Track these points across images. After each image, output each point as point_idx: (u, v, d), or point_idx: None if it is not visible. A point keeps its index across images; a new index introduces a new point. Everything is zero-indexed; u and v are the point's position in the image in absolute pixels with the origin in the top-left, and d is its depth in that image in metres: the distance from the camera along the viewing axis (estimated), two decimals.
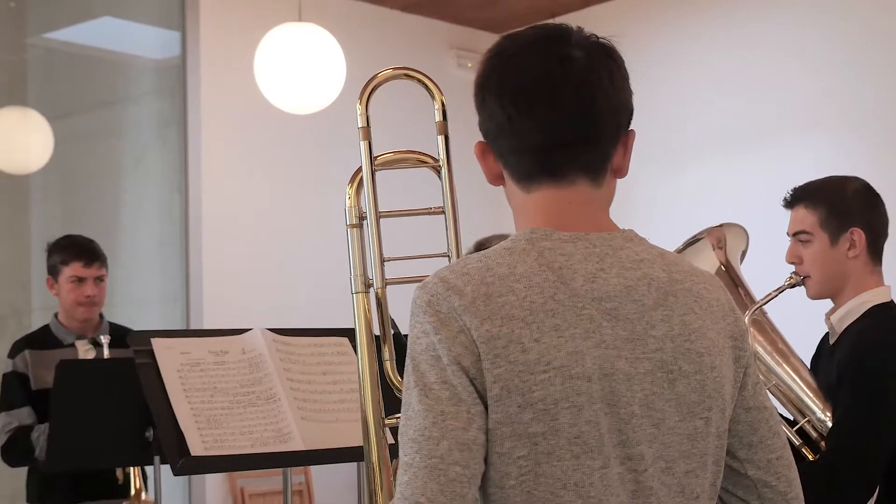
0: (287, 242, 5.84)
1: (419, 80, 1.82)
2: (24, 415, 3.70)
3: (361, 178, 1.82)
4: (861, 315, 2.59)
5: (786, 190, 2.72)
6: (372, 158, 1.79)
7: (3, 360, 3.86)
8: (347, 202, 1.79)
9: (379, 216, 1.77)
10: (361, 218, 1.79)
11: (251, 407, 2.77)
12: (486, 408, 1.32)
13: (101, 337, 3.71)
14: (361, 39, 5.99)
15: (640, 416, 1.37)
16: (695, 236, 2.78)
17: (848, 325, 2.60)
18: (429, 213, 1.79)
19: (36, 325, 4.17)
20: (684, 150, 5.96)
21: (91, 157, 5.63)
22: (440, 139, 1.76)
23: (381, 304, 1.73)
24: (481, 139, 1.49)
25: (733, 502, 1.53)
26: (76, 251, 3.90)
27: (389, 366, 1.73)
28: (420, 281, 1.43)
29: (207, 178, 5.59)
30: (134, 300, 5.58)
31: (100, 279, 3.90)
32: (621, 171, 1.48)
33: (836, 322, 2.63)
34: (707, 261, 2.78)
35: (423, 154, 1.80)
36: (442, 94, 1.74)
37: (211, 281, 5.55)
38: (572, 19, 6.42)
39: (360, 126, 1.77)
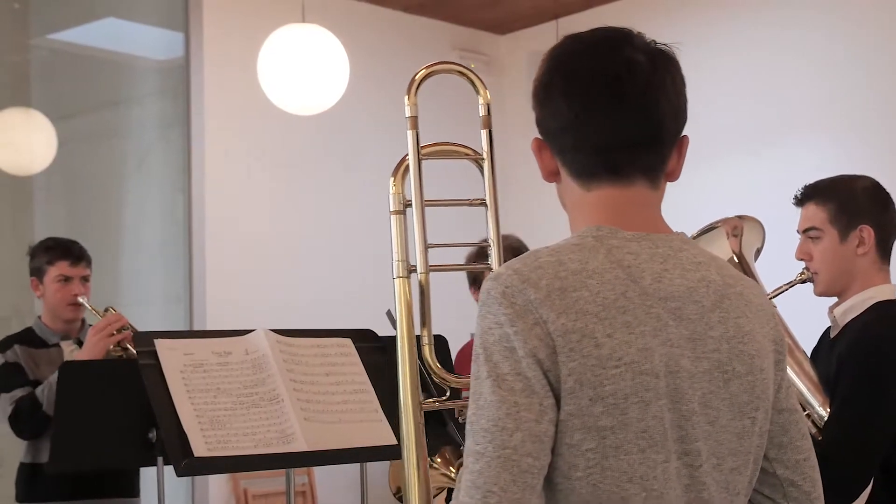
0: (290, 243, 5.84)
1: (466, 76, 1.84)
2: (24, 391, 3.70)
3: (406, 167, 1.84)
4: (864, 310, 2.60)
5: (790, 191, 2.74)
6: (419, 148, 1.80)
7: None
8: (392, 189, 1.81)
9: (424, 204, 1.78)
10: (405, 205, 1.80)
11: (254, 408, 2.77)
12: (557, 400, 1.35)
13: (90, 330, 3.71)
14: (364, 40, 6.00)
15: (699, 414, 1.42)
16: (710, 224, 2.81)
17: (851, 319, 2.62)
18: (470, 205, 1.82)
19: None
20: (689, 150, 5.95)
21: (94, 158, 5.63)
22: (484, 133, 1.78)
23: (423, 290, 1.74)
24: (538, 135, 1.52)
25: (759, 500, 1.58)
26: (62, 251, 3.89)
27: (428, 350, 1.74)
28: (459, 269, 1.49)
29: (210, 179, 5.59)
30: (137, 301, 5.58)
31: (85, 279, 3.90)
32: (674, 175, 1.53)
33: (839, 315, 2.66)
34: (720, 249, 2.80)
35: (467, 147, 1.83)
36: (486, 90, 1.78)
37: (214, 282, 5.55)
38: (575, 20, 6.43)
39: (408, 116, 1.81)
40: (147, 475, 3.79)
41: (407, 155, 1.80)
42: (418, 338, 1.79)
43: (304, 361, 2.90)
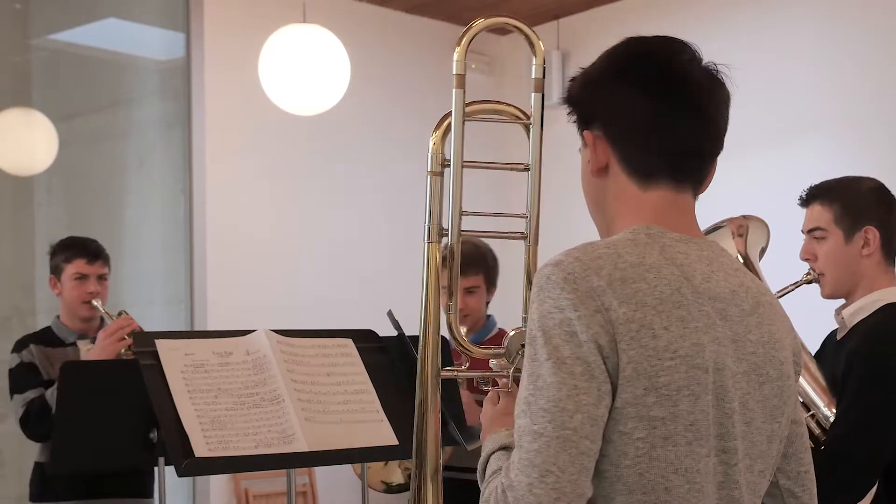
0: (291, 243, 5.84)
1: (521, 31, 1.73)
2: (35, 392, 3.71)
3: (447, 126, 1.74)
4: (874, 312, 2.60)
5: (792, 191, 2.74)
6: (464, 106, 1.72)
7: (4, 360, 3.85)
8: (431, 148, 1.73)
9: (463, 165, 1.70)
10: (444, 165, 1.72)
11: (255, 408, 2.77)
12: (613, 388, 1.37)
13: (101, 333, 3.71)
14: (365, 41, 6.00)
15: (738, 413, 1.45)
16: (716, 224, 2.81)
17: (860, 320, 2.62)
18: (513, 169, 1.73)
19: (41, 325, 4.18)
20: None
21: (95, 159, 5.63)
22: (535, 96, 1.71)
23: (453, 255, 1.69)
24: (596, 133, 1.53)
25: None
26: (79, 249, 3.92)
27: (453, 318, 1.70)
28: (491, 236, 1.61)
29: (212, 180, 5.59)
30: (138, 301, 5.58)
31: (102, 277, 3.91)
32: (705, 188, 1.58)
33: (847, 317, 2.66)
34: (725, 248, 2.80)
35: (515, 107, 1.75)
36: (543, 49, 1.70)
37: (215, 282, 5.55)
38: (576, 21, 6.43)
39: (456, 73, 1.71)
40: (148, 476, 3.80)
41: (450, 112, 1.72)
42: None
43: (305, 362, 2.90)
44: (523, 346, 1.49)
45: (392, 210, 6.17)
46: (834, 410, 2.59)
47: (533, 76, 1.70)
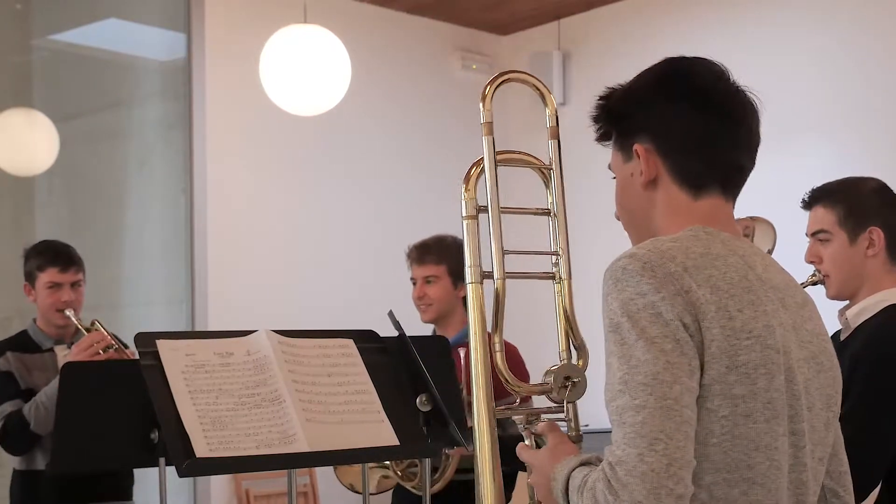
0: (292, 243, 5.84)
1: (537, 89, 1.85)
2: (13, 405, 3.70)
3: (479, 172, 1.83)
4: (878, 312, 2.60)
5: (792, 193, 2.74)
6: (495, 153, 1.80)
7: None
8: (464, 195, 1.81)
9: (500, 210, 1.78)
10: (478, 210, 1.80)
11: (256, 408, 2.76)
12: (701, 365, 1.42)
13: (74, 347, 3.70)
14: (366, 41, 6.00)
15: (804, 396, 1.50)
16: None
17: (863, 321, 2.62)
18: (541, 214, 1.82)
19: None
20: None
21: (96, 159, 5.63)
22: (552, 143, 1.81)
23: (498, 296, 1.74)
24: (645, 146, 1.60)
25: None
26: (51, 256, 3.87)
27: (500, 357, 1.74)
28: (531, 277, 1.69)
29: (212, 180, 5.59)
30: (139, 302, 5.58)
31: (76, 284, 3.87)
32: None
33: (851, 318, 2.65)
34: None
35: (536, 158, 1.85)
36: (554, 102, 1.81)
37: (216, 282, 5.55)
38: (577, 21, 6.43)
39: (484, 122, 1.78)
40: (148, 476, 3.78)
41: (481, 159, 1.80)
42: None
43: (306, 362, 2.90)
44: (566, 378, 1.59)
45: (393, 210, 6.17)
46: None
47: (548, 125, 1.79)
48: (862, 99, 5.42)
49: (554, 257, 1.78)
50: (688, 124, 1.57)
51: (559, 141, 1.81)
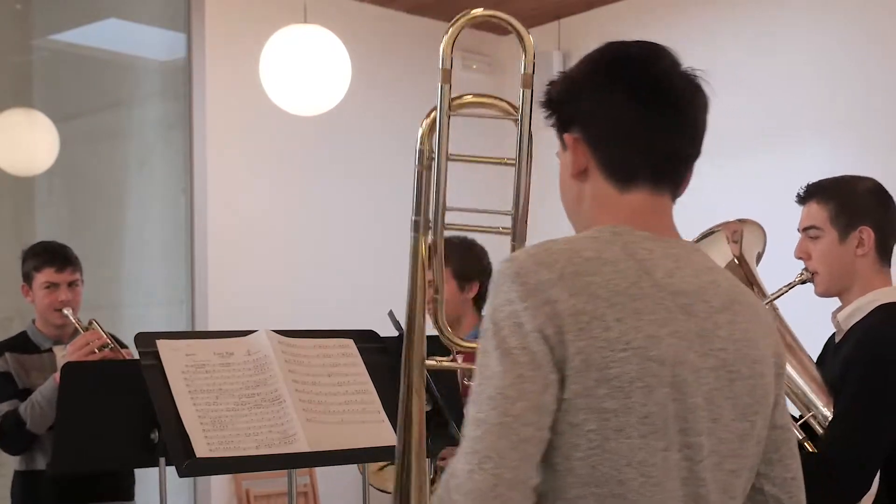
0: (292, 244, 5.84)
1: (511, 26, 1.73)
2: (9, 405, 3.71)
3: (433, 119, 1.72)
4: (869, 313, 2.60)
5: (791, 193, 2.73)
6: (450, 100, 1.69)
7: None
8: (418, 143, 1.71)
9: (448, 159, 1.68)
10: (431, 159, 1.71)
11: (256, 408, 2.77)
12: (562, 379, 1.37)
13: (69, 346, 3.70)
14: (366, 41, 6.00)
15: (703, 409, 1.43)
16: (710, 229, 2.81)
17: (855, 322, 2.61)
18: (500, 163, 1.68)
19: None
20: None
21: (96, 159, 5.63)
22: (525, 92, 1.67)
23: (435, 250, 1.68)
24: (574, 135, 1.53)
25: None
26: (48, 257, 3.88)
27: (439, 310, 1.69)
28: (475, 230, 1.56)
29: (213, 180, 5.59)
30: (139, 302, 5.58)
31: (73, 284, 3.88)
32: (682, 192, 1.58)
33: (842, 320, 2.65)
34: (720, 254, 2.80)
35: (507, 102, 1.69)
36: (532, 44, 1.67)
37: (216, 282, 5.55)
38: (577, 21, 6.43)
39: (442, 67, 1.70)
40: (149, 476, 3.79)
41: (436, 107, 1.69)
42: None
43: (306, 362, 2.90)
44: None
45: (393, 210, 6.17)
46: (832, 410, 2.58)
47: (522, 72, 1.66)
48: (861, 99, 5.42)
49: (509, 216, 1.66)
50: (616, 113, 1.49)
51: (532, 90, 1.67)
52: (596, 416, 1.36)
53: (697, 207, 5.38)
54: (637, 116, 1.48)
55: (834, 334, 2.74)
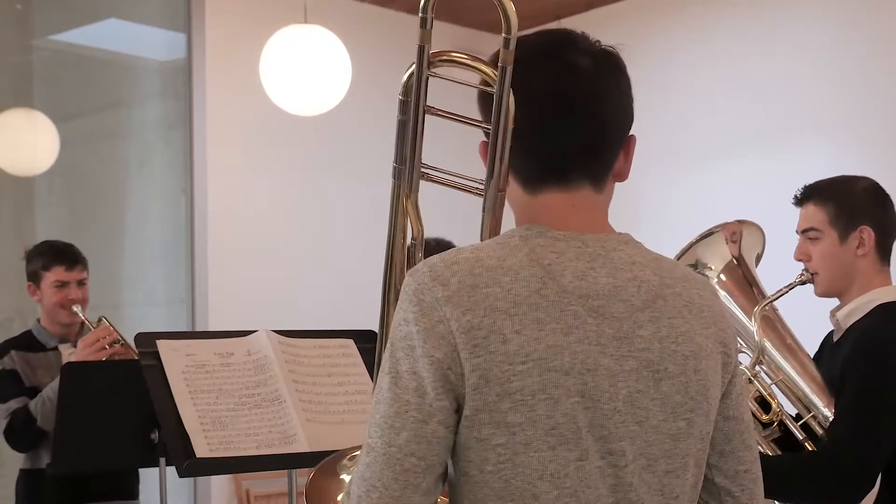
0: (292, 244, 5.84)
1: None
2: (18, 402, 3.71)
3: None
4: (868, 312, 2.60)
5: (790, 193, 2.74)
6: (429, 62, 1.61)
7: None
8: (401, 93, 1.62)
9: (425, 111, 1.58)
10: (409, 111, 1.59)
11: (256, 409, 2.77)
12: (457, 399, 1.35)
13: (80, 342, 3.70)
14: (367, 41, 6.00)
15: (623, 413, 1.39)
16: (709, 230, 2.82)
17: (854, 321, 2.62)
18: (477, 125, 1.54)
19: None
20: (689, 153, 5.95)
21: (96, 159, 5.63)
22: (505, 70, 1.47)
23: (413, 209, 1.58)
24: (484, 139, 1.50)
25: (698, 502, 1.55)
26: (56, 255, 3.89)
27: (414, 254, 1.60)
28: (457, 188, 1.49)
29: (213, 180, 5.59)
30: (139, 302, 5.58)
31: (82, 282, 3.90)
32: (622, 176, 1.52)
33: (842, 319, 2.65)
34: (719, 254, 2.80)
35: (486, 64, 1.52)
36: (516, 22, 1.47)
37: (216, 282, 5.55)
38: (576, 21, 6.43)
39: (422, 28, 1.58)
40: (149, 476, 3.79)
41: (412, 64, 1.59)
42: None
43: (306, 362, 2.91)
44: None
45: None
46: (832, 410, 2.59)
47: (502, 47, 1.48)
48: (860, 99, 5.42)
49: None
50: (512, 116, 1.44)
51: (508, 69, 1.46)
52: (502, 431, 1.34)
53: (698, 207, 5.40)
54: (531, 119, 1.44)
55: (831, 332, 2.75)
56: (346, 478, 1.65)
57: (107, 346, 3.63)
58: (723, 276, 2.83)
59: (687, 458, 1.45)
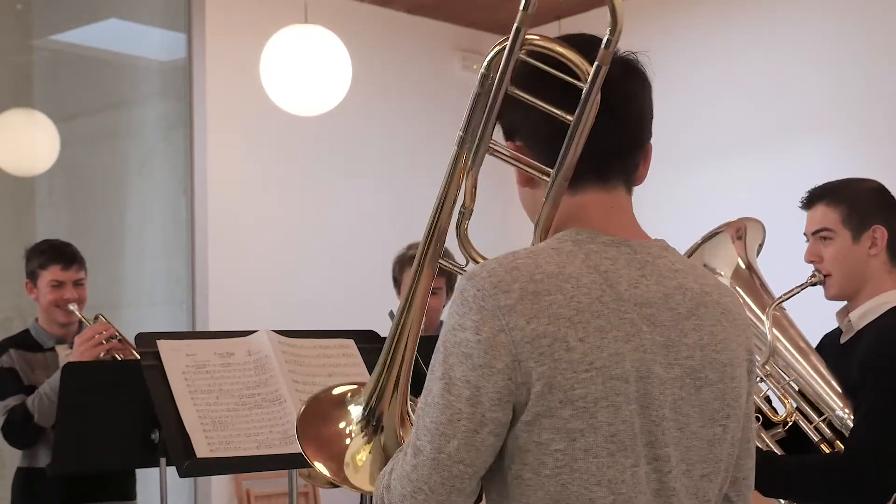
0: (293, 244, 5.84)
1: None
2: (16, 400, 3.71)
3: (500, 50, 1.55)
4: (882, 314, 2.60)
5: (792, 193, 2.73)
6: (523, 41, 1.55)
7: None
8: (483, 67, 1.54)
9: (507, 91, 1.49)
10: (490, 87, 1.51)
11: (257, 409, 2.77)
12: (513, 408, 1.36)
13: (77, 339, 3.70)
14: (367, 41, 6.00)
15: (669, 419, 1.42)
16: (714, 230, 2.82)
17: (867, 323, 2.61)
18: (558, 116, 1.45)
19: None
20: (691, 152, 5.95)
21: (97, 159, 5.63)
22: (602, 69, 1.44)
23: (471, 182, 1.53)
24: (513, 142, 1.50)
25: None
26: (54, 255, 3.88)
27: (462, 220, 1.55)
28: (517, 166, 1.45)
29: (213, 180, 5.59)
30: (140, 302, 5.59)
31: (79, 282, 3.88)
32: (640, 180, 1.55)
33: (855, 320, 2.64)
34: (727, 254, 2.81)
35: (580, 59, 1.48)
36: (621, 23, 1.44)
37: (217, 283, 5.56)
38: (577, 21, 6.42)
39: (524, 11, 1.56)
40: (149, 476, 3.79)
41: (505, 39, 1.56)
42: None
43: (307, 362, 2.91)
44: None
45: (393, 210, 6.17)
46: (848, 412, 2.58)
47: (603, 49, 1.44)
48: (860, 99, 5.42)
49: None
50: (545, 117, 1.45)
51: (602, 67, 1.44)
52: (562, 437, 1.35)
53: (698, 207, 5.41)
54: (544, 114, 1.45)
55: (833, 332, 2.74)
56: (353, 410, 1.63)
57: (104, 342, 3.62)
58: (731, 279, 2.83)
59: (719, 462, 1.49)
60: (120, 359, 3.61)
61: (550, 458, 1.36)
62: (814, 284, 2.70)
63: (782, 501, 2.71)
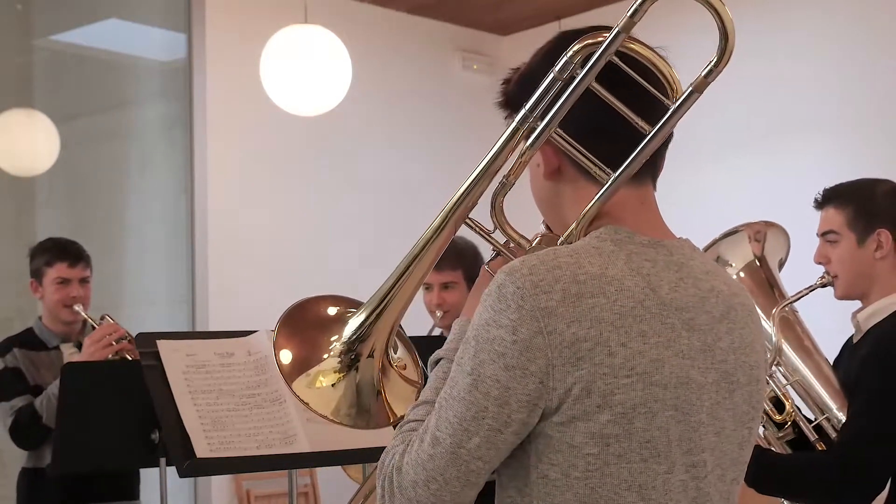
0: (293, 244, 5.84)
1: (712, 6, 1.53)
2: (23, 400, 3.71)
3: (592, 43, 1.50)
4: (887, 316, 2.60)
5: (796, 193, 2.74)
6: (619, 46, 1.50)
7: None
8: (569, 54, 1.45)
9: (590, 85, 1.44)
10: (572, 77, 1.44)
11: (257, 409, 2.77)
12: (542, 410, 1.34)
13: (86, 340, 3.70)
14: (367, 41, 6.00)
15: (707, 425, 1.40)
16: (734, 228, 2.83)
17: (873, 324, 2.62)
18: (633, 121, 1.44)
19: None
20: (693, 152, 5.95)
21: (97, 159, 5.63)
22: (692, 95, 1.51)
23: (521, 160, 1.49)
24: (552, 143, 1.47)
25: None
26: (59, 252, 3.88)
27: (501, 193, 1.52)
28: (578, 160, 1.42)
29: (213, 180, 5.60)
30: (140, 302, 5.59)
31: (84, 280, 3.88)
32: (660, 171, 1.54)
33: (862, 321, 2.65)
34: (742, 253, 2.81)
35: (675, 80, 1.52)
36: (733, 46, 1.47)
37: (216, 283, 5.56)
38: (577, 21, 6.43)
39: (630, 19, 1.54)
40: (149, 476, 3.79)
41: (597, 34, 1.52)
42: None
43: None
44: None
45: (393, 210, 6.18)
46: (845, 414, 2.59)
47: (702, 77, 1.49)
48: (860, 99, 5.42)
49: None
50: (581, 106, 1.41)
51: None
52: (596, 441, 1.33)
53: (699, 207, 5.40)
54: (600, 110, 1.42)
55: (852, 336, 2.75)
56: (346, 330, 1.62)
57: (114, 343, 3.62)
58: (742, 275, 2.83)
59: (745, 465, 1.49)
60: (130, 359, 3.61)
61: (582, 461, 1.34)
62: (823, 286, 2.70)
63: (782, 501, 2.71)
